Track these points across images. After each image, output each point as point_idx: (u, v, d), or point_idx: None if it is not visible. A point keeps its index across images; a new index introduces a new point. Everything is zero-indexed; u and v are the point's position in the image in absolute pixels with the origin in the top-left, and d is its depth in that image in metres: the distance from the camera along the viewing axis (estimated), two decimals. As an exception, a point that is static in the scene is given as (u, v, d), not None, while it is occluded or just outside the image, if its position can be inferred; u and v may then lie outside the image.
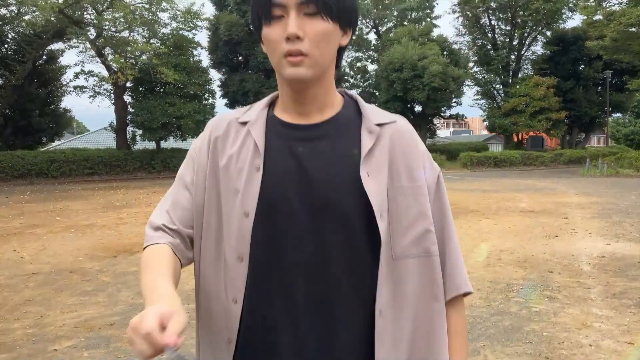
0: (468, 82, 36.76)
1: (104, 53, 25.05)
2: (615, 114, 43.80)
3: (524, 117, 33.30)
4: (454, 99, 32.91)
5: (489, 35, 38.01)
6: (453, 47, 35.22)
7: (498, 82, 38.18)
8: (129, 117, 25.96)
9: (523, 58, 38.37)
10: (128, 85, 25.77)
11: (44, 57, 28.22)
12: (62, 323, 4.29)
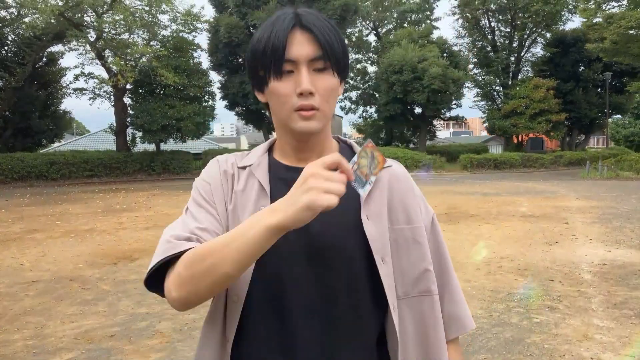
0: (468, 84, 36.81)
1: (104, 55, 25.05)
2: (615, 116, 43.82)
3: (524, 118, 33.32)
4: (454, 101, 32.94)
5: (489, 37, 38.03)
6: (453, 49, 35.28)
7: (498, 83, 38.21)
8: (129, 119, 25.94)
9: (523, 60, 38.40)
10: (128, 88, 25.74)
11: (44, 59, 28.26)
12: (62, 334, 4.28)
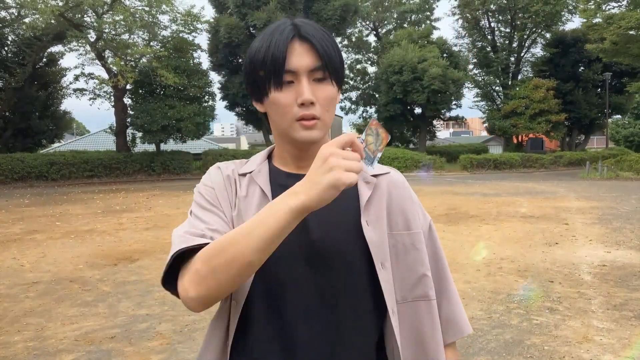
0: (468, 84, 36.85)
1: (104, 56, 25.05)
2: (615, 116, 43.84)
3: (524, 119, 33.36)
4: (454, 101, 32.96)
5: (489, 38, 38.05)
6: (453, 49, 35.29)
7: (498, 84, 38.24)
8: (129, 119, 25.93)
9: (523, 60, 38.43)
10: (128, 88, 25.75)
11: (44, 59, 28.25)
12: (62, 336, 4.29)
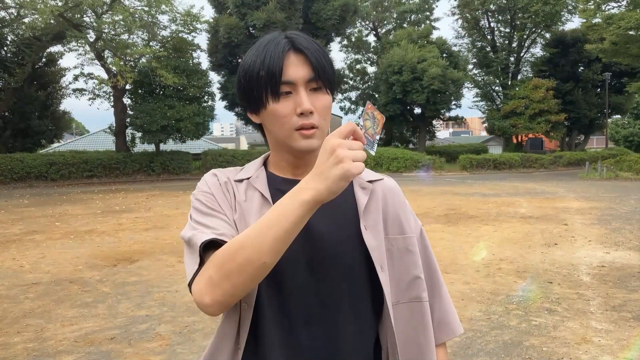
0: (467, 84, 36.87)
1: (104, 56, 25.04)
2: (615, 116, 43.88)
3: (524, 119, 33.38)
4: (453, 101, 32.97)
5: (488, 38, 38.06)
6: (452, 49, 35.30)
7: (497, 84, 38.27)
8: (128, 119, 25.92)
9: (522, 60, 38.45)
10: (127, 88, 25.75)
11: (44, 59, 28.26)
12: (62, 337, 4.29)
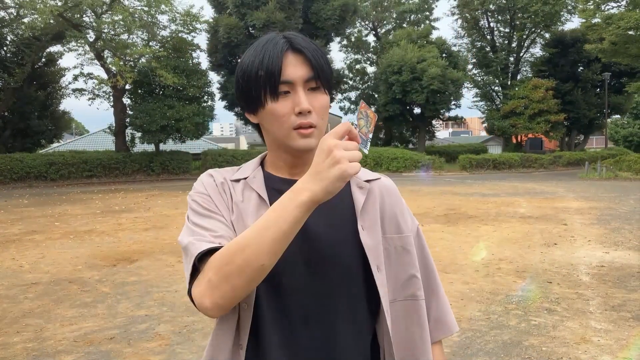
0: (467, 84, 36.89)
1: (103, 56, 25.03)
2: (614, 116, 43.88)
3: (523, 119, 33.39)
4: (453, 101, 32.97)
5: (488, 38, 38.07)
6: (452, 49, 35.31)
7: (497, 84, 38.29)
8: (128, 119, 25.91)
9: (522, 60, 38.46)
10: (127, 88, 25.73)
11: (43, 59, 28.24)
12: (61, 337, 4.29)
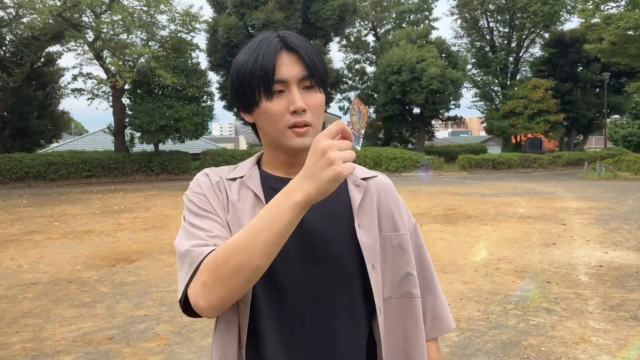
0: (466, 84, 36.88)
1: (102, 56, 24.98)
2: (614, 116, 43.89)
3: (522, 119, 33.39)
4: (452, 101, 32.95)
5: (487, 38, 38.07)
6: (451, 49, 35.28)
7: (496, 84, 38.27)
8: (127, 119, 25.88)
9: (521, 60, 38.45)
10: (126, 88, 25.68)
11: (42, 59, 28.17)
12: (60, 337, 4.29)
